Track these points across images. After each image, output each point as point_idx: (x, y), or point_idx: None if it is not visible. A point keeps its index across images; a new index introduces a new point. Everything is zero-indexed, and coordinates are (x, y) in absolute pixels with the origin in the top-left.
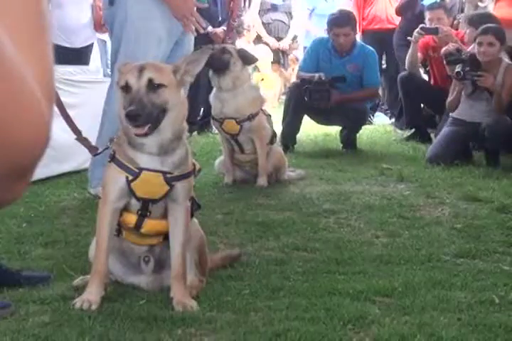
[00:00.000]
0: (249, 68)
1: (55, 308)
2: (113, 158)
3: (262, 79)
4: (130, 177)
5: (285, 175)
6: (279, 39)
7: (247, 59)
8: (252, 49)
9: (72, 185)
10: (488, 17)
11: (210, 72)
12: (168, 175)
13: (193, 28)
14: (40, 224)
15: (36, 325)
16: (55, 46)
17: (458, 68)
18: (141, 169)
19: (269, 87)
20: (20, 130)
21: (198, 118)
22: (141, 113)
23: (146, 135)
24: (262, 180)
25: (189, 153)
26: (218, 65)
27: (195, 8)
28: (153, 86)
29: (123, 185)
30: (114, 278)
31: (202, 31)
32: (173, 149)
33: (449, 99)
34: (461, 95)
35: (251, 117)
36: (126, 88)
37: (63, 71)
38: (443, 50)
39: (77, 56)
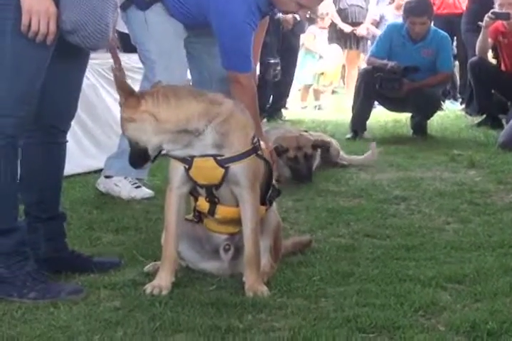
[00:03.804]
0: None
1: (126, 294)
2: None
3: (322, 74)
4: (187, 166)
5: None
6: (356, 24)
7: (326, 148)
8: (325, 48)
9: None
10: None
11: None
12: (219, 158)
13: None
14: (111, 210)
15: (107, 310)
16: (123, 34)
17: None
18: (192, 157)
19: (327, 81)
20: None
21: (268, 105)
22: None
23: None
24: None
25: (234, 133)
26: (311, 170)
27: None
28: None
29: (183, 173)
30: (185, 264)
31: None
32: (197, 137)
33: None
34: None
35: None
36: None
37: (134, 59)
38: None
39: None
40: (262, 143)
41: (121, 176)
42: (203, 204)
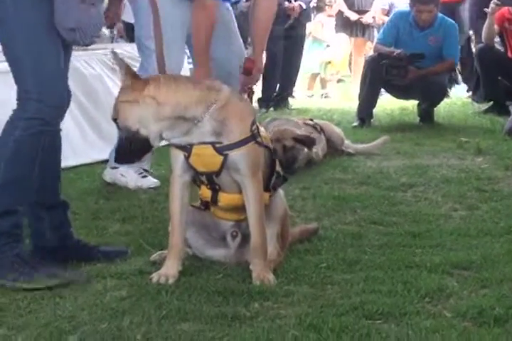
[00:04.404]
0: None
1: (133, 283)
2: None
3: (329, 62)
4: (186, 154)
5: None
6: (362, 12)
7: (309, 143)
8: (333, 37)
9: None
10: None
11: None
12: (218, 145)
13: None
14: (118, 200)
15: (114, 299)
16: (128, 24)
17: None
18: (191, 144)
19: (335, 70)
20: None
21: (274, 94)
22: None
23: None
24: None
25: (232, 120)
26: (293, 163)
27: None
28: None
29: (183, 161)
30: (192, 251)
31: None
32: (195, 125)
33: None
34: None
35: None
36: None
37: None
38: None
39: None
40: (262, 129)
41: (126, 166)
42: (206, 192)
